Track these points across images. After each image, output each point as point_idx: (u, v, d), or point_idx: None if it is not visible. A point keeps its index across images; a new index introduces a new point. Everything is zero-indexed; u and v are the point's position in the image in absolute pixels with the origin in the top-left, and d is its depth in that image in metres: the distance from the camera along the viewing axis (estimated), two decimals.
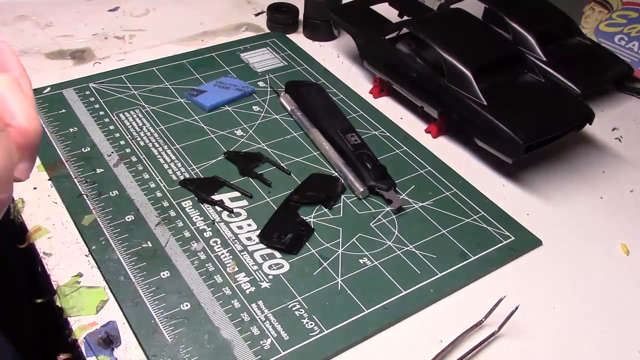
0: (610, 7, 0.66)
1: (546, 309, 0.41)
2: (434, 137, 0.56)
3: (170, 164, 0.50)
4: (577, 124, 0.52)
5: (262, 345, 0.37)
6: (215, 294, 0.40)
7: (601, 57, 0.61)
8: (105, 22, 0.69)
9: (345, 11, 0.64)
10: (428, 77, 0.54)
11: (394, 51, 0.57)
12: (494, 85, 0.51)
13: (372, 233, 0.45)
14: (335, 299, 0.40)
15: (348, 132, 0.52)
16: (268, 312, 0.39)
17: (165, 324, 0.38)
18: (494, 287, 0.42)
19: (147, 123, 0.54)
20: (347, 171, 0.49)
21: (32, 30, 0.67)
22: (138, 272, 0.41)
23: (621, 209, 0.50)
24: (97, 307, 0.39)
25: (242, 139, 0.53)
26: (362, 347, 0.38)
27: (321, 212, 0.46)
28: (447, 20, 0.58)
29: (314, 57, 0.65)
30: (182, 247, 0.43)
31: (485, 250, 0.44)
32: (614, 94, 0.64)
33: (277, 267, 0.42)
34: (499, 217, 0.47)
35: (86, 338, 0.37)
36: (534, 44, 0.59)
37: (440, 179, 0.50)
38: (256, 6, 0.75)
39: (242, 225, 0.45)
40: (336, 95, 0.59)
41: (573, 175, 0.53)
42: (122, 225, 0.44)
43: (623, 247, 0.46)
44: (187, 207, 0.46)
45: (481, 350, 0.38)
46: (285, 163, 0.50)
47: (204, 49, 0.65)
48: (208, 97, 0.56)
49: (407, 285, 0.41)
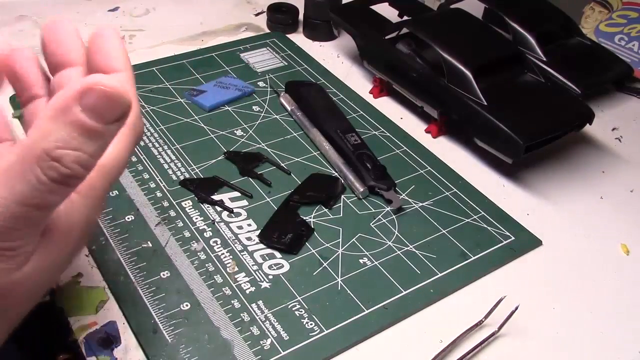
0: (610, 7, 0.66)
1: (546, 309, 0.41)
2: (434, 137, 0.56)
3: (170, 164, 0.50)
4: (577, 124, 0.52)
5: (262, 345, 0.37)
6: (215, 294, 0.40)
7: (601, 57, 0.61)
8: (105, 22, 0.69)
9: (345, 11, 0.64)
10: (428, 77, 0.54)
11: (394, 51, 0.57)
12: (494, 85, 0.51)
13: (372, 233, 0.45)
14: (335, 299, 0.40)
15: (348, 132, 0.52)
16: (268, 312, 0.39)
17: (165, 324, 0.38)
18: (494, 287, 0.42)
19: (147, 123, 0.54)
20: (347, 171, 0.49)
21: (32, 30, 0.67)
22: (138, 272, 0.41)
23: (621, 209, 0.50)
24: (97, 307, 0.39)
25: (242, 139, 0.53)
26: (362, 347, 0.38)
27: (321, 212, 0.46)
28: (447, 20, 0.58)
29: (314, 57, 0.65)
30: (182, 247, 0.43)
31: (485, 250, 0.44)
32: (614, 94, 0.64)
33: (277, 267, 0.42)
34: (499, 217, 0.47)
35: (86, 338, 0.37)
36: (534, 44, 0.59)
37: (440, 179, 0.50)
38: (256, 6, 0.75)
39: (242, 225, 0.45)
40: (336, 95, 0.59)
41: (573, 175, 0.53)
42: (122, 225, 0.44)
43: (623, 247, 0.46)
44: (187, 207, 0.46)
45: (481, 350, 0.38)
46: (285, 163, 0.51)
47: (204, 49, 0.65)
48: (208, 97, 0.56)
49: (407, 285, 0.41)
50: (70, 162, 0.23)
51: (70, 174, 0.23)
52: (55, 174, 0.23)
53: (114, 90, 0.23)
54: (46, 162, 0.23)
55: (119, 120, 0.24)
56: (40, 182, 0.23)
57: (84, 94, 0.22)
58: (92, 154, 0.24)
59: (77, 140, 0.23)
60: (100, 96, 0.23)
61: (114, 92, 0.23)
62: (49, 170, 0.23)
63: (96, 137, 0.23)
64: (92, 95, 0.22)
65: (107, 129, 0.23)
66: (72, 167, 0.23)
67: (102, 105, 0.23)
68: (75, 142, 0.23)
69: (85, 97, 0.22)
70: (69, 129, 0.23)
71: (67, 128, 0.23)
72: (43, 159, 0.23)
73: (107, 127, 0.23)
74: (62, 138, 0.23)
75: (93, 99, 0.23)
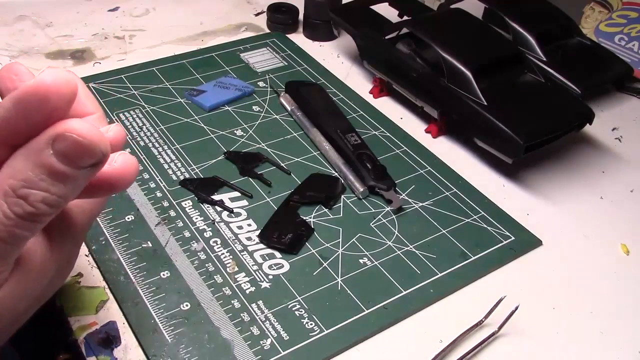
0: (610, 7, 0.66)
1: (546, 309, 0.41)
2: (434, 137, 0.56)
3: (170, 164, 0.50)
4: (577, 124, 0.52)
5: (262, 345, 0.37)
6: (215, 294, 0.40)
7: (601, 57, 0.61)
8: (105, 22, 0.69)
9: (345, 11, 0.64)
10: (428, 77, 0.54)
11: (394, 51, 0.57)
12: (494, 85, 0.51)
13: (372, 233, 0.45)
14: (335, 299, 0.40)
15: (348, 132, 0.52)
16: (268, 312, 0.39)
17: (165, 324, 0.38)
18: (494, 287, 0.42)
19: (147, 123, 0.54)
20: (347, 171, 0.49)
21: (32, 30, 0.67)
22: (138, 272, 0.41)
23: (621, 209, 0.50)
24: (97, 307, 0.39)
25: (242, 139, 0.53)
26: (362, 347, 0.38)
27: (321, 212, 0.46)
28: (447, 20, 0.58)
29: (314, 57, 0.65)
30: (182, 247, 0.43)
31: (485, 250, 0.44)
32: (614, 94, 0.64)
33: (277, 267, 0.42)
34: (499, 217, 0.47)
35: (86, 338, 0.37)
36: (534, 44, 0.59)
37: (440, 179, 0.50)
38: (256, 6, 0.75)
39: (242, 225, 0.45)
40: (336, 95, 0.59)
41: (573, 175, 0.53)
42: (122, 225, 0.44)
43: (623, 247, 0.46)
44: (187, 207, 0.46)
45: (481, 350, 0.38)
46: (285, 163, 0.51)
47: (204, 49, 0.65)
48: (208, 97, 0.56)
49: (407, 285, 0.41)
50: (35, 202, 0.23)
51: (36, 212, 0.24)
52: (20, 210, 0.23)
53: (88, 139, 0.22)
54: (12, 199, 0.23)
55: (93, 166, 0.24)
56: (6, 216, 0.23)
57: (56, 139, 0.22)
58: (62, 195, 0.24)
59: (45, 182, 0.23)
60: (72, 144, 0.22)
61: (88, 142, 0.22)
62: (15, 207, 0.23)
63: (67, 180, 0.23)
64: (64, 142, 0.22)
65: (80, 173, 0.23)
66: (38, 206, 0.23)
67: (74, 152, 0.23)
68: (44, 183, 0.23)
69: (57, 143, 0.22)
70: (38, 170, 0.23)
71: (36, 169, 0.23)
72: (9, 194, 0.23)
73: (79, 171, 0.23)
74: (30, 178, 0.23)
75: (65, 145, 0.22)
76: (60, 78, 0.22)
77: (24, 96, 0.22)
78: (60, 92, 0.23)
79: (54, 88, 0.22)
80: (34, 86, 0.22)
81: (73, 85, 0.23)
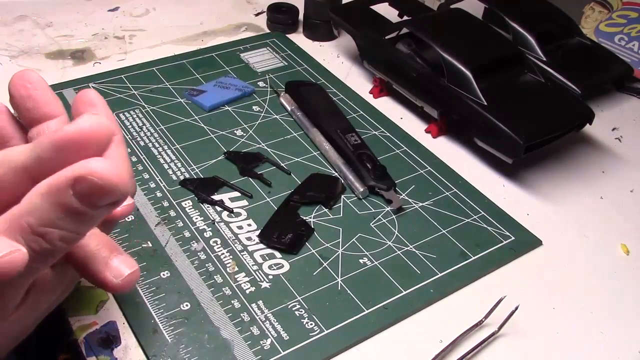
0: (610, 7, 0.66)
1: (546, 309, 0.41)
2: (434, 137, 0.56)
3: (170, 164, 0.50)
4: (577, 124, 0.52)
5: (262, 345, 0.37)
6: (215, 294, 0.40)
7: (601, 57, 0.61)
8: (105, 22, 0.69)
9: (345, 11, 0.64)
10: (428, 77, 0.54)
11: (394, 51, 0.57)
12: (494, 85, 0.51)
13: (372, 233, 0.45)
14: (335, 299, 0.40)
15: (348, 132, 0.52)
16: (268, 312, 0.39)
17: (165, 324, 0.38)
18: (494, 287, 0.42)
19: (147, 123, 0.54)
20: (347, 171, 0.49)
21: (32, 30, 0.67)
22: None
23: (621, 209, 0.50)
24: (97, 307, 0.39)
25: (242, 139, 0.53)
26: (362, 347, 0.38)
27: (321, 212, 0.46)
28: (447, 20, 0.58)
29: (314, 57, 0.65)
30: (182, 247, 0.43)
31: (485, 250, 0.44)
32: (614, 94, 0.64)
33: (277, 267, 0.42)
34: (499, 217, 0.47)
35: (86, 338, 0.37)
36: (534, 44, 0.59)
37: (440, 179, 0.50)
38: (256, 6, 0.75)
39: (242, 225, 0.45)
40: (336, 95, 0.59)
41: (573, 175, 0.53)
42: (122, 225, 0.44)
43: (623, 247, 0.46)
44: (187, 207, 0.46)
45: (481, 350, 0.38)
46: (285, 163, 0.51)
47: (204, 49, 0.65)
48: (208, 97, 0.56)
49: (407, 285, 0.41)
50: (53, 239, 0.24)
51: (52, 249, 0.24)
52: (37, 247, 0.24)
53: (108, 182, 0.22)
54: (30, 236, 0.23)
55: (111, 204, 0.24)
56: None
57: (77, 180, 0.22)
58: (79, 232, 0.24)
59: (63, 220, 0.23)
60: (93, 186, 0.22)
61: (107, 184, 0.23)
62: (32, 243, 0.23)
63: (84, 219, 0.24)
64: (85, 184, 0.22)
65: (97, 212, 0.24)
66: (55, 243, 0.24)
67: (94, 194, 0.23)
68: (61, 222, 0.23)
69: (78, 184, 0.22)
70: (57, 210, 0.23)
71: (55, 208, 0.23)
72: (27, 231, 0.23)
73: (97, 211, 0.23)
74: (48, 217, 0.23)
75: (86, 187, 0.22)
76: (101, 125, 0.23)
77: (65, 143, 0.23)
78: (100, 140, 0.23)
79: (95, 135, 0.23)
80: (76, 133, 0.23)
81: (111, 132, 0.24)
